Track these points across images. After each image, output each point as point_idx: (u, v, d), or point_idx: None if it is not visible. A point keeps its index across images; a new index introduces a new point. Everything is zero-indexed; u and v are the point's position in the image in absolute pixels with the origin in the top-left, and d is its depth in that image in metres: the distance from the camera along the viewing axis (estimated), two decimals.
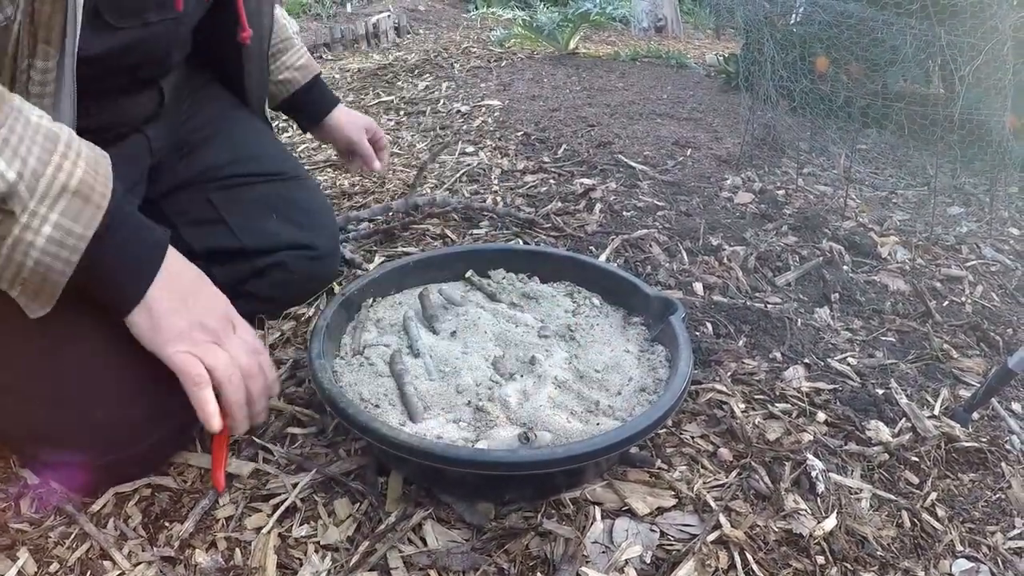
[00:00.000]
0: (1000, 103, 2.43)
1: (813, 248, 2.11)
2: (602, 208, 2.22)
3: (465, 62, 4.31)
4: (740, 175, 2.63)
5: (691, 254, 2.00)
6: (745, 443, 1.32)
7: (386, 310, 1.49)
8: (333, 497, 1.19)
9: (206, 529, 1.14)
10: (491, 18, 6.34)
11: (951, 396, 1.54)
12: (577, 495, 1.19)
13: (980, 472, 1.35)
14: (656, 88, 3.92)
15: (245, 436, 1.31)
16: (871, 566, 1.12)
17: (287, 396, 1.41)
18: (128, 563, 1.08)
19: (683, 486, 1.22)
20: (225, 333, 1.11)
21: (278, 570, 1.07)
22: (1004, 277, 2.13)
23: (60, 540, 1.12)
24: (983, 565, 1.16)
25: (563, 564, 1.06)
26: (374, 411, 1.20)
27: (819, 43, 2.96)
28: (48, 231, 0.94)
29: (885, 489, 1.28)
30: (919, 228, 2.35)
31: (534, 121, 3.14)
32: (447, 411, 1.22)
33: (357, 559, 1.07)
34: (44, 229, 0.93)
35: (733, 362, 1.55)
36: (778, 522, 1.17)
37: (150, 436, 1.16)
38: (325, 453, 1.28)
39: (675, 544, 1.12)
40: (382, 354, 1.34)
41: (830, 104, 2.77)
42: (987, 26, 2.33)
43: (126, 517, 1.16)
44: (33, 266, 0.95)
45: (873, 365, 1.61)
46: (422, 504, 1.16)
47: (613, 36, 6.36)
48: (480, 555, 1.08)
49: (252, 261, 1.56)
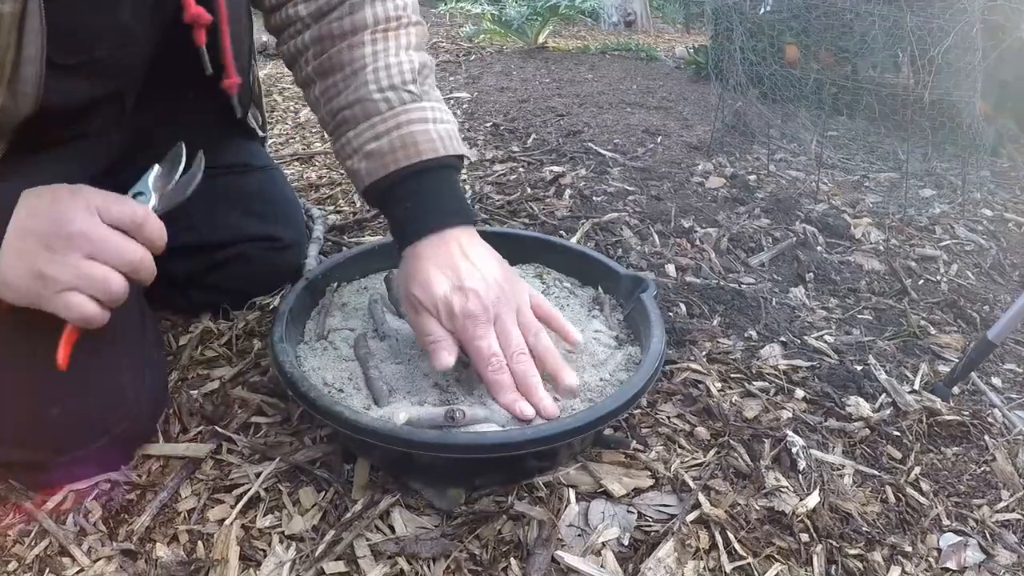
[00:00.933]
0: (970, 87, 2.42)
1: (786, 230, 2.09)
2: (572, 194, 2.19)
3: (434, 57, 4.28)
4: (711, 161, 2.62)
5: (663, 236, 1.97)
6: (722, 421, 1.29)
7: (351, 295, 1.44)
8: (298, 486, 1.15)
9: (167, 522, 1.10)
10: (460, 13, 6.32)
11: (930, 371, 1.52)
12: (550, 478, 1.15)
13: (963, 446, 1.33)
14: (625, 79, 3.90)
15: (208, 426, 1.27)
16: (857, 543, 1.09)
17: (250, 385, 1.37)
18: (88, 559, 1.04)
19: (660, 466, 1.19)
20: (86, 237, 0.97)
21: (241, 562, 1.03)
22: (979, 256, 2.13)
23: (18, 538, 1.09)
24: (971, 539, 1.14)
25: (537, 548, 1.02)
26: (338, 396, 1.16)
27: (788, 31, 2.95)
28: None
29: (868, 465, 1.25)
30: (892, 210, 2.34)
31: (503, 112, 3.11)
32: (412, 394, 1.18)
33: (323, 548, 1.04)
34: None
35: (708, 341, 1.52)
36: (759, 500, 1.14)
37: (108, 433, 1.12)
38: (290, 442, 1.24)
39: (653, 525, 1.09)
40: (346, 338, 1.30)
41: (800, 90, 2.76)
42: (955, 8, 2.32)
43: (85, 512, 1.12)
44: None
45: (850, 342, 1.58)
46: (390, 491, 1.12)
47: (582, 31, 6.35)
48: (450, 541, 1.04)
49: (213, 255, 1.51)
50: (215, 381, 1.38)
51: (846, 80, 2.80)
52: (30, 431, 1.07)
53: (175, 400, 1.32)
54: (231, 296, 1.59)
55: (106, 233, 0.98)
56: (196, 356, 1.46)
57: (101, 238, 0.97)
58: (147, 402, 1.19)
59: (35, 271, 0.95)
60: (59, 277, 0.95)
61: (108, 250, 0.98)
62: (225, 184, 1.54)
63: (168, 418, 1.29)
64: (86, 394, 1.09)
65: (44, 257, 0.95)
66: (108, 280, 0.97)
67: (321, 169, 2.52)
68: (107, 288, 0.97)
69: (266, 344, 1.47)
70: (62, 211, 0.97)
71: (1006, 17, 2.77)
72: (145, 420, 1.21)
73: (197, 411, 1.31)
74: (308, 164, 2.58)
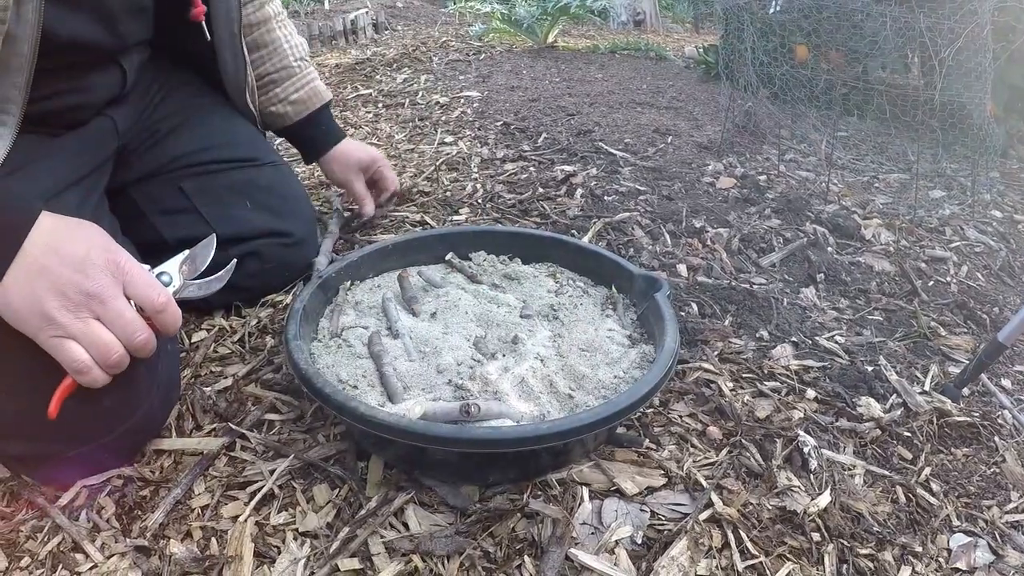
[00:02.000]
0: (980, 88, 2.42)
1: (797, 230, 2.09)
2: (583, 193, 2.19)
3: (444, 56, 4.28)
4: (722, 161, 2.61)
5: (674, 236, 1.98)
6: (735, 421, 1.30)
7: (365, 293, 1.45)
8: (312, 483, 1.16)
9: (181, 519, 1.11)
10: (469, 13, 6.31)
11: (940, 372, 1.53)
12: (563, 476, 1.16)
13: (973, 447, 1.33)
14: (635, 79, 3.89)
15: (221, 423, 1.28)
16: (868, 542, 1.10)
17: (264, 382, 1.38)
18: (101, 555, 1.05)
19: (672, 465, 1.19)
20: (101, 301, 1.00)
21: (255, 558, 1.04)
22: (988, 257, 2.12)
23: (31, 534, 1.09)
24: (981, 539, 1.14)
25: (551, 546, 1.03)
26: (352, 392, 1.17)
27: (799, 31, 2.95)
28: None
29: (878, 465, 1.26)
30: (902, 211, 2.34)
31: (513, 111, 3.11)
32: (427, 391, 1.19)
33: (337, 545, 1.04)
34: None
35: (720, 341, 1.52)
36: (771, 499, 1.14)
37: (121, 425, 1.13)
38: (303, 439, 1.24)
39: (666, 524, 1.09)
40: (360, 336, 1.31)
41: (810, 91, 2.76)
42: (966, 10, 2.32)
43: (99, 508, 1.13)
44: None
45: (861, 343, 1.58)
46: (404, 488, 1.13)
47: (592, 30, 6.34)
48: (465, 538, 1.05)
49: (226, 251, 1.52)
50: (228, 378, 1.39)
51: (856, 81, 2.79)
52: (44, 424, 1.08)
53: (188, 397, 1.33)
54: (243, 293, 1.59)
55: (122, 308, 1.00)
56: (209, 353, 1.47)
57: (117, 312, 1.00)
58: (160, 393, 1.19)
59: (43, 311, 0.96)
60: (65, 326, 0.97)
61: (119, 325, 1.00)
62: (237, 179, 1.56)
63: (181, 415, 1.30)
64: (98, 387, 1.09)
65: (55, 302, 0.97)
66: (110, 349, 0.99)
67: None
68: (107, 355, 0.99)
69: (279, 341, 1.48)
70: (88, 265, 0.99)
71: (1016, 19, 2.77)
72: (158, 411, 1.22)
73: (210, 408, 1.32)
74: None
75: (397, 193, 2.09)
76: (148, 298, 1.03)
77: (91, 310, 0.98)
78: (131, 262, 1.04)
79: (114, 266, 1.01)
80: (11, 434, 1.10)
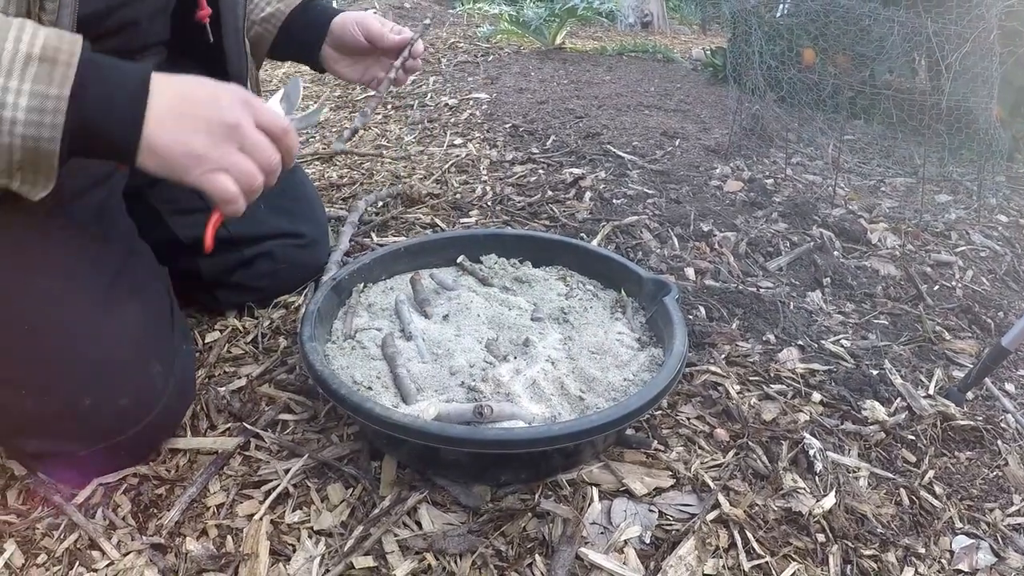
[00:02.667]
0: (987, 92, 2.43)
1: (803, 234, 2.10)
2: (592, 196, 2.21)
3: (452, 57, 4.30)
4: (729, 164, 2.63)
5: (682, 240, 1.99)
6: (741, 423, 1.32)
7: (377, 295, 1.47)
8: (326, 482, 1.17)
9: (196, 517, 1.13)
10: (477, 14, 6.32)
11: (945, 376, 1.54)
12: (574, 476, 1.18)
13: (977, 450, 1.34)
14: (643, 81, 3.91)
15: (236, 423, 1.30)
16: (871, 543, 1.11)
17: (278, 383, 1.39)
18: (117, 552, 1.07)
19: (680, 466, 1.21)
20: (240, 131, 1.05)
21: (271, 556, 1.05)
22: (994, 262, 2.13)
23: (48, 531, 1.11)
24: (983, 541, 1.16)
25: (562, 545, 1.05)
26: (367, 393, 1.18)
27: (806, 34, 2.96)
28: (25, 102, 0.91)
29: (883, 467, 1.28)
30: (908, 215, 2.35)
31: (522, 113, 3.13)
32: (440, 392, 1.21)
33: (351, 544, 1.06)
34: (21, 102, 0.91)
35: (727, 344, 1.54)
36: (777, 501, 1.16)
37: (137, 424, 1.14)
38: (317, 439, 1.26)
39: (674, 524, 1.11)
40: (374, 338, 1.33)
41: (817, 95, 2.77)
42: (973, 15, 2.33)
43: (115, 506, 1.15)
44: (22, 144, 0.92)
45: (866, 347, 1.60)
46: (417, 487, 1.15)
47: (599, 32, 6.35)
48: (477, 537, 1.07)
49: (240, 251, 1.54)
50: (242, 378, 1.41)
51: (863, 85, 2.80)
52: (62, 422, 1.10)
53: (203, 397, 1.35)
54: (256, 294, 1.61)
55: (259, 136, 1.06)
56: (223, 354, 1.49)
57: (254, 140, 1.05)
58: (176, 393, 1.21)
59: (191, 150, 1.00)
60: (216, 160, 1.02)
61: (258, 151, 1.05)
62: None
63: (196, 414, 1.32)
64: (117, 384, 1.11)
65: (202, 139, 1.01)
66: (254, 176, 1.05)
67: (342, 169, 2.54)
68: (252, 182, 1.05)
69: (293, 342, 1.50)
70: (222, 101, 1.05)
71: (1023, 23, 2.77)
72: (174, 410, 1.24)
73: (224, 408, 1.34)
74: (329, 164, 2.59)
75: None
76: (275, 123, 1.09)
77: (235, 141, 1.04)
78: (250, 94, 1.09)
79: (242, 98, 1.07)
80: (28, 431, 1.12)
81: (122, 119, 0.99)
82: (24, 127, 0.91)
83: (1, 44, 0.91)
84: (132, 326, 1.15)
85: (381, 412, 1.05)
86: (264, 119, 1.08)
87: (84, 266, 1.13)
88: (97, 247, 1.17)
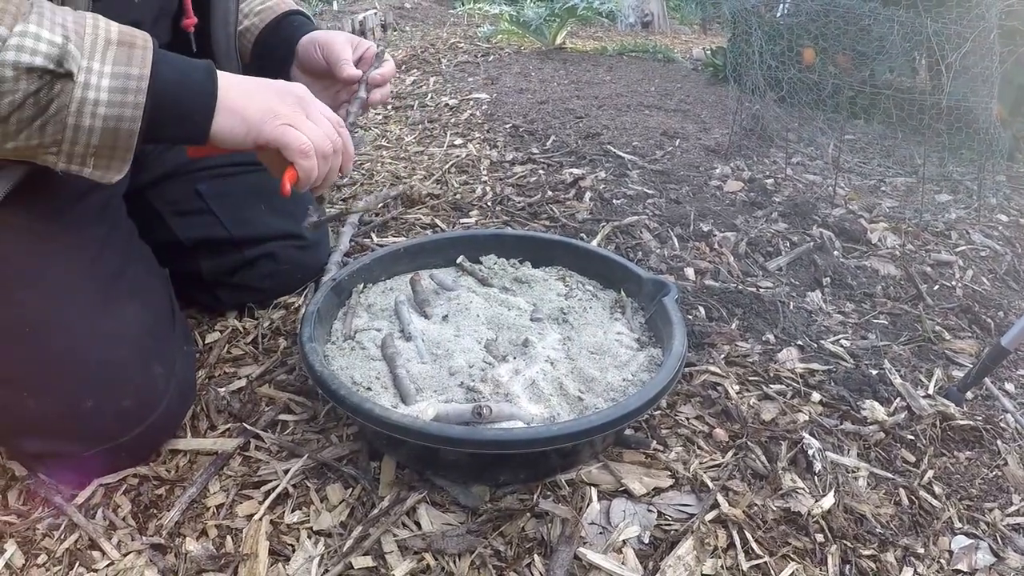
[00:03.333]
0: (987, 91, 2.43)
1: (803, 234, 2.10)
2: (592, 196, 2.21)
3: (452, 57, 4.30)
4: (729, 164, 2.63)
5: (682, 240, 2.00)
6: (740, 423, 1.32)
7: (377, 296, 1.47)
8: (325, 483, 1.18)
9: (196, 517, 1.13)
10: (477, 14, 6.33)
11: (944, 376, 1.54)
12: (572, 476, 1.18)
13: (976, 450, 1.34)
14: (643, 81, 3.91)
15: (236, 424, 1.30)
16: (870, 543, 1.12)
17: (277, 383, 1.40)
18: (118, 552, 1.07)
19: (679, 466, 1.21)
20: (308, 103, 1.12)
21: (270, 556, 1.06)
22: (994, 262, 2.13)
23: (48, 532, 1.11)
24: (982, 541, 1.16)
25: (560, 545, 1.05)
26: (366, 394, 1.19)
27: (806, 34, 2.96)
28: (107, 83, 0.93)
29: (882, 467, 1.28)
30: (908, 215, 2.35)
31: (522, 114, 3.13)
32: (439, 393, 1.21)
33: (351, 544, 1.06)
34: (103, 83, 0.93)
35: (726, 344, 1.54)
36: (776, 501, 1.16)
37: (139, 425, 1.15)
38: (317, 439, 1.27)
39: (673, 524, 1.11)
40: (373, 338, 1.33)
41: (818, 94, 2.77)
42: (973, 14, 2.33)
43: (115, 507, 1.15)
44: (103, 125, 0.94)
45: (866, 347, 1.60)
46: (416, 488, 1.15)
47: (599, 32, 6.35)
48: (475, 537, 1.07)
49: (241, 252, 1.54)
50: (242, 379, 1.41)
51: (863, 84, 2.80)
52: (63, 423, 1.10)
53: (203, 397, 1.35)
54: (257, 294, 1.62)
55: (323, 108, 1.14)
56: (223, 354, 1.49)
57: (320, 110, 1.13)
58: (177, 394, 1.22)
59: (266, 104, 1.08)
60: (288, 115, 1.08)
61: (324, 123, 1.12)
62: (252, 181, 1.57)
63: (196, 415, 1.33)
64: (118, 386, 1.12)
65: (274, 98, 1.09)
66: (326, 136, 1.10)
67: None
68: (323, 142, 1.10)
69: (293, 343, 1.50)
70: (281, 82, 1.13)
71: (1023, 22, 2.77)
72: (175, 412, 1.24)
73: (224, 408, 1.34)
74: None
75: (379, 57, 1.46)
76: (332, 114, 1.15)
77: (303, 109, 1.11)
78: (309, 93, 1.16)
79: (302, 88, 1.15)
80: (30, 432, 1.12)
81: (199, 84, 1.04)
82: (107, 108, 0.94)
83: (82, 29, 0.93)
84: (133, 327, 1.16)
85: (380, 412, 1.05)
86: (323, 109, 1.14)
87: (85, 267, 1.14)
88: (98, 248, 1.17)
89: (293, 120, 1.08)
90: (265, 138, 1.06)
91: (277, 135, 1.06)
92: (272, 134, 1.06)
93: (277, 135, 1.06)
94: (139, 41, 0.97)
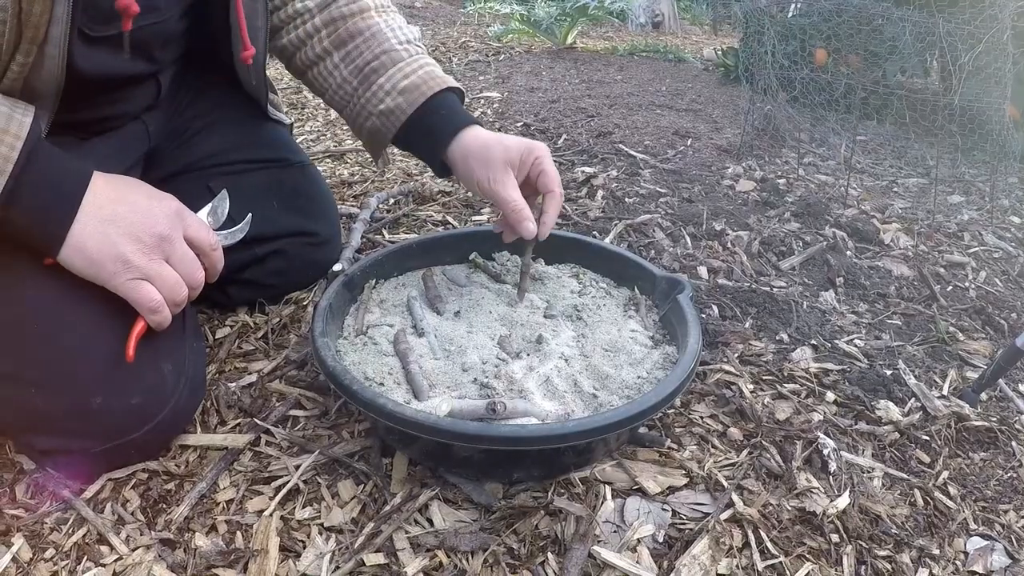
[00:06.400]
0: (1000, 92, 2.42)
1: (816, 234, 2.09)
2: (604, 195, 2.21)
3: (463, 56, 4.30)
4: (741, 164, 2.62)
5: (695, 239, 1.99)
6: (755, 423, 1.31)
7: (389, 291, 1.47)
8: (337, 479, 1.17)
9: (206, 512, 1.12)
10: (488, 13, 6.33)
11: (959, 377, 1.53)
12: (586, 474, 1.17)
13: (991, 451, 1.33)
14: (654, 81, 3.90)
15: (246, 419, 1.30)
16: (886, 544, 1.11)
17: (288, 378, 1.39)
18: (126, 547, 1.06)
19: (694, 465, 1.20)
20: (170, 243, 1.10)
21: (281, 553, 1.05)
22: (1007, 263, 2.12)
23: (56, 526, 1.10)
24: (997, 543, 1.15)
25: (574, 543, 1.04)
26: (379, 389, 1.18)
27: (818, 34, 2.95)
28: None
29: (897, 468, 1.27)
30: (921, 216, 2.34)
31: (533, 112, 3.13)
32: (452, 389, 1.20)
33: (362, 541, 1.06)
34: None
35: (740, 343, 1.53)
36: (791, 500, 1.15)
37: (149, 422, 1.14)
38: (328, 435, 1.26)
39: (687, 523, 1.10)
40: (386, 334, 1.32)
41: (830, 95, 2.76)
42: (986, 15, 2.32)
43: (124, 501, 1.14)
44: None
45: (880, 347, 1.59)
46: (428, 484, 1.15)
47: (610, 31, 6.35)
48: (488, 535, 1.06)
49: (252, 249, 1.53)
50: (253, 374, 1.41)
51: (875, 85, 2.79)
52: (72, 420, 1.09)
53: (213, 393, 1.35)
54: (268, 290, 1.61)
55: (186, 249, 1.12)
56: (233, 349, 1.49)
57: (182, 252, 1.11)
58: (187, 390, 1.21)
59: (119, 255, 1.05)
60: (141, 268, 1.06)
61: (185, 264, 1.12)
62: (264, 178, 1.57)
63: (206, 410, 1.32)
64: (128, 383, 1.11)
65: (131, 246, 1.06)
66: (180, 287, 1.10)
67: (353, 166, 2.54)
68: (177, 293, 1.10)
69: (304, 338, 1.49)
70: (153, 209, 1.10)
71: None
72: (185, 408, 1.23)
73: (235, 403, 1.33)
74: (340, 161, 2.60)
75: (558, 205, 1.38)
76: (205, 239, 1.15)
77: (162, 251, 1.08)
78: (181, 205, 1.14)
79: (175, 211, 1.12)
80: (39, 429, 1.11)
81: (51, 219, 1.04)
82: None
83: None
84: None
85: (393, 408, 1.05)
86: (194, 234, 1.14)
87: None
88: None
89: (147, 272, 1.07)
90: (115, 290, 1.07)
91: (126, 291, 1.06)
92: (121, 289, 1.06)
93: (126, 291, 1.06)
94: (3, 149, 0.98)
